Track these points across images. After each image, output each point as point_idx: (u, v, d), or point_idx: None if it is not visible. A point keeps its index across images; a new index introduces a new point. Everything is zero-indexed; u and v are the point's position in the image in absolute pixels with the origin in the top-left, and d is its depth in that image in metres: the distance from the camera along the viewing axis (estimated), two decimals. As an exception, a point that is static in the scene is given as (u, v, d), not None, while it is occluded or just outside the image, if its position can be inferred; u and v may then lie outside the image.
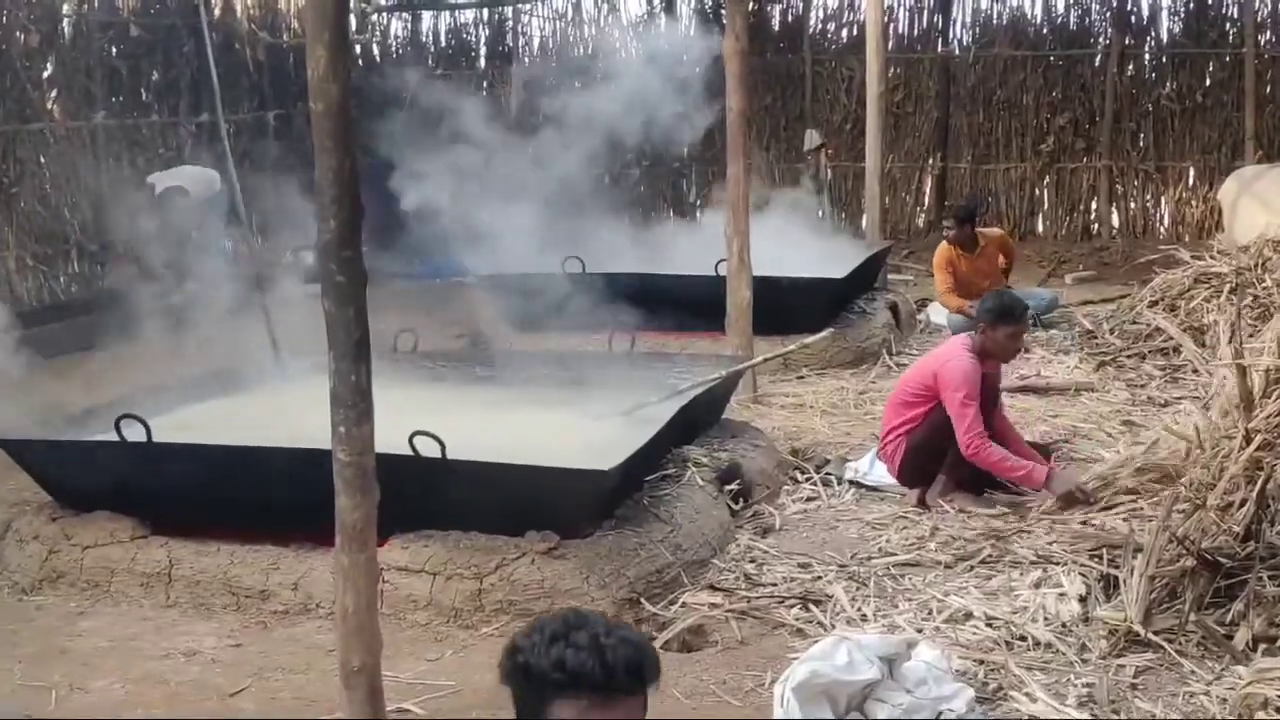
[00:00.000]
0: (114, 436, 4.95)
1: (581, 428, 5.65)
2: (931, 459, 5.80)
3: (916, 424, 5.93)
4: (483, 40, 16.25)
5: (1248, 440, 4.53)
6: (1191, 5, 14.13)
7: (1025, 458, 5.82)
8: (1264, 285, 8.47)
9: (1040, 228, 14.66)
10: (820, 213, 13.07)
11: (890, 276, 11.29)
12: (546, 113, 7.91)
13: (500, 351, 7.81)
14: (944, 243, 10.03)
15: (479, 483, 4.64)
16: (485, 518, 4.70)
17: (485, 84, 15.83)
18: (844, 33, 15.06)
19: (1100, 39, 14.46)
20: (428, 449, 4.55)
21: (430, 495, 4.64)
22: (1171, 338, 8.44)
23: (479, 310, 9.28)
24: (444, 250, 9.63)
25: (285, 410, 5.65)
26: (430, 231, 8.25)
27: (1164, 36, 14.34)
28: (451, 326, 9.40)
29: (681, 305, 8.45)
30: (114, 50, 12.00)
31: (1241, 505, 4.43)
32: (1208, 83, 14.08)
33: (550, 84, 7.99)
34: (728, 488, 5.59)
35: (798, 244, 9.68)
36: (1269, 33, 13.91)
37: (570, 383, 6.22)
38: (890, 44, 14.36)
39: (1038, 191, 14.69)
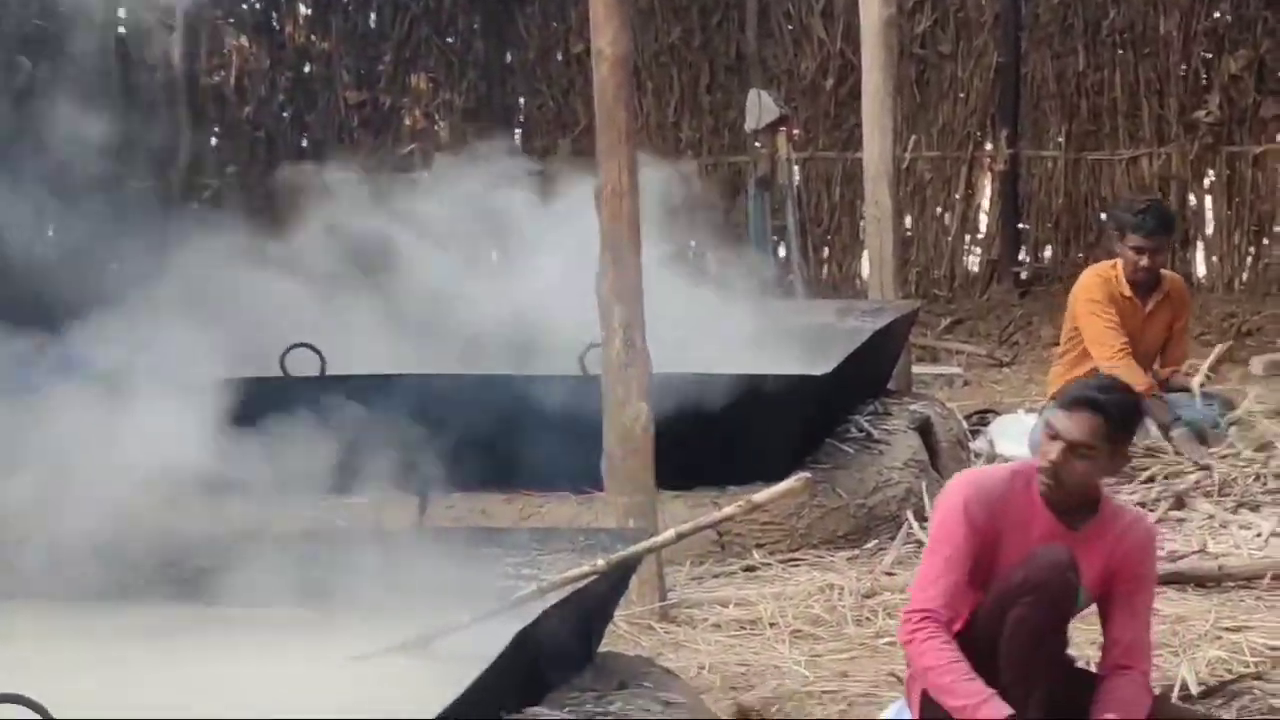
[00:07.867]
0: None
1: (330, 677, 5.73)
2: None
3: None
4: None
5: None
6: None
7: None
8: None
9: (1200, 267, 14.97)
10: (781, 248, 13.31)
11: (917, 369, 11.56)
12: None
13: (174, 532, 7.86)
14: (1097, 273, 10.26)
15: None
16: None
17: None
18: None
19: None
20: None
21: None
22: None
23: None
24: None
25: None
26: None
27: None
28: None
29: (518, 434, 8.61)
30: None
31: None
32: None
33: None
34: (617, 785, 5.70)
35: (737, 313, 9.89)
36: None
37: (309, 590, 6.29)
38: (907, -74, 14.69)
39: (1193, 199, 15.01)
